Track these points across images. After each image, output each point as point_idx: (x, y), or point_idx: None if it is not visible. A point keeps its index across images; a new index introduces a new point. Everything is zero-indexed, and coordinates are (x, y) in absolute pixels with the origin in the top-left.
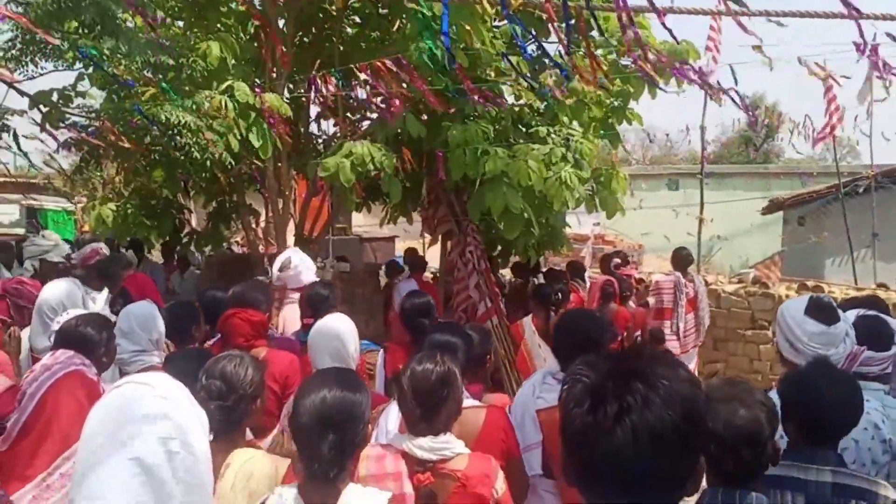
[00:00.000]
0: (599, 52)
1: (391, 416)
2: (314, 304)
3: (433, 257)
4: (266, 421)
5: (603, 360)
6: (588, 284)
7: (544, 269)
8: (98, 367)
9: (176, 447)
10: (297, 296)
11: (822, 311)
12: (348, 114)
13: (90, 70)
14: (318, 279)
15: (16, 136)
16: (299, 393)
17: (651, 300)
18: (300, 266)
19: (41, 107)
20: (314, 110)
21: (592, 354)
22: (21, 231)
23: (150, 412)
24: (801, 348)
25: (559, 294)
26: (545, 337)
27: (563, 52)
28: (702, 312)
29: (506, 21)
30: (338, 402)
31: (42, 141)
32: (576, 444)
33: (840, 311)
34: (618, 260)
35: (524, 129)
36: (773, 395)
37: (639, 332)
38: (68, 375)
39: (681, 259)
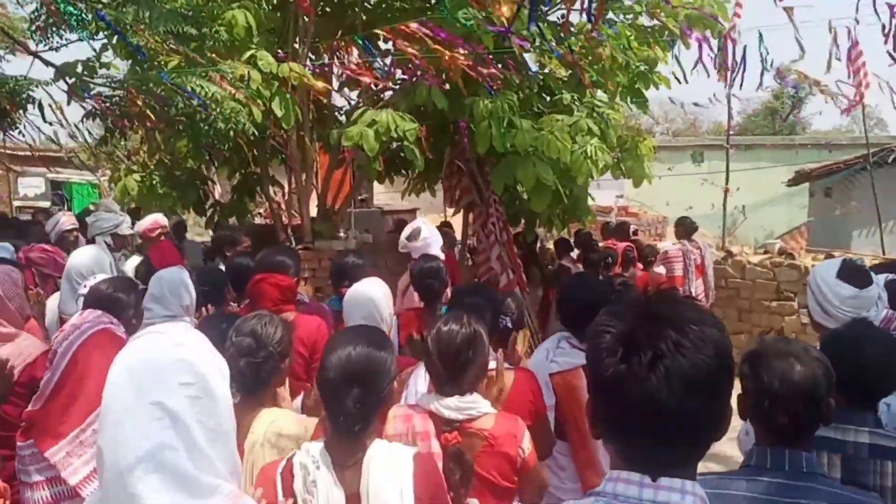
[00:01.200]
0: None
1: (420, 378)
2: (348, 273)
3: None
4: (294, 385)
5: (628, 309)
6: None
7: (554, 239)
8: (127, 329)
9: (196, 392)
10: None
11: (854, 274)
12: (371, 84)
13: (114, 40)
14: (442, 253)
15: (41, 108)
16: (327, 349)
17: (661, 269)
18: (429, 238)
19: (66, 78)
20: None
21: (615, 306)
22: (47, 204)
23: (169, 359)
24: (834, 312)
25: (609, 259)
26: None
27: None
28: (709, 277)
29: None
30: (363, 358)
31: (64, 116)
32: (609, 394)
33: (872, 275)
34: (634, 226)
35: (548, 98)
36: None
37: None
38: (98, 333)
39: (685, 228)
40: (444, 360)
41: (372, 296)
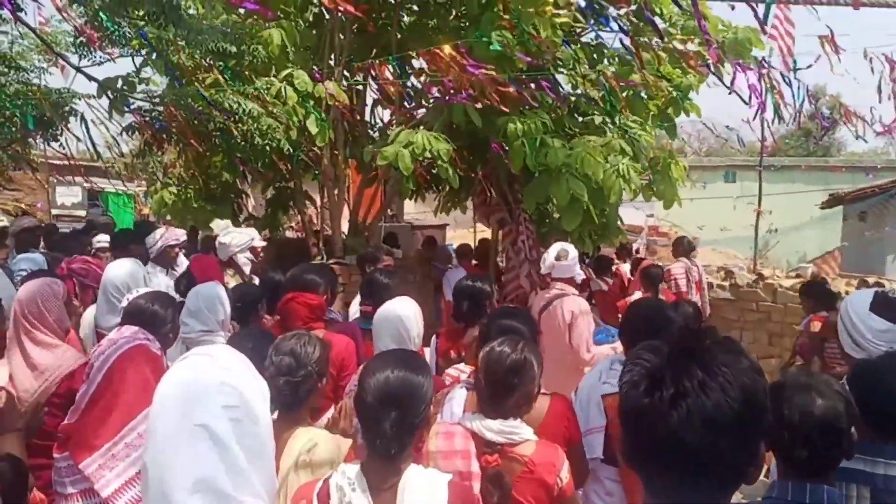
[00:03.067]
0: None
1: (456, 399)
2: (375, 292)
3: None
4: (322, 403)
5: (664, 344)
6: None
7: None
8: (164, 343)
9: (239, 415)
10: (563, 286)
11: (888, 306)
12: (404, 103)
13: (153, 56)
14: (582, 275)
15: (84, 122)
16: (364, 372)
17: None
18: (576, 259)
19: (108, 93)
20: (370, 98)
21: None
22: (83, 213)
23: (214, 382)
24: (866, 345)
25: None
26: None
27: (623, 40)
28: (705, 293)
29: (564, 10)
30: (400, 382)
31: (108, 129)
32: (633, 426)
33: None
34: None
35: (580, 118)
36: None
37: None
38: (133, 349)
39: (683, 247)
40: (489, 381)
41: (401, 315)
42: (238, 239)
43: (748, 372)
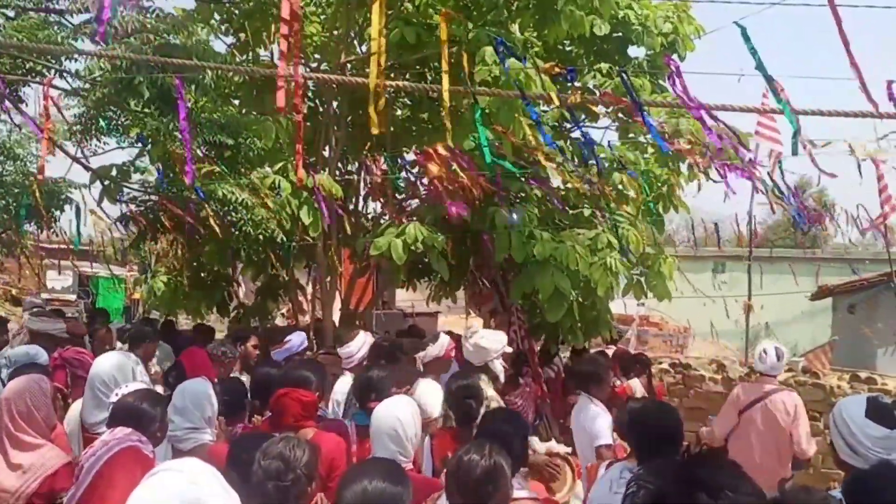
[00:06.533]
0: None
1: None
2: (374, 388)
3: None
4: None
5: (667, 468)
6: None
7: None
8: (153, 442)
9: None
10: (770, 381)
11: (883, 413)
12: (396, 194)
13: (148, 146)
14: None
15: (78, 211)
16: (342, 483)
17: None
18: (782, 360)
19: (101, 181)
20: (362, 188)
21: (658, 461)
22: (73, 297)
23: (183, 499)
24: (863, 452)
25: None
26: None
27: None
28: None
29: (553, 105)
30: (378, 493)
31: (106, 215)
32: None
33: None
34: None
35: (569, 210)
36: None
37: None
38: (124, 451)
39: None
40: (463, 492)
41: (398, 415)
42: (496, 344)
43: (752, 496)
